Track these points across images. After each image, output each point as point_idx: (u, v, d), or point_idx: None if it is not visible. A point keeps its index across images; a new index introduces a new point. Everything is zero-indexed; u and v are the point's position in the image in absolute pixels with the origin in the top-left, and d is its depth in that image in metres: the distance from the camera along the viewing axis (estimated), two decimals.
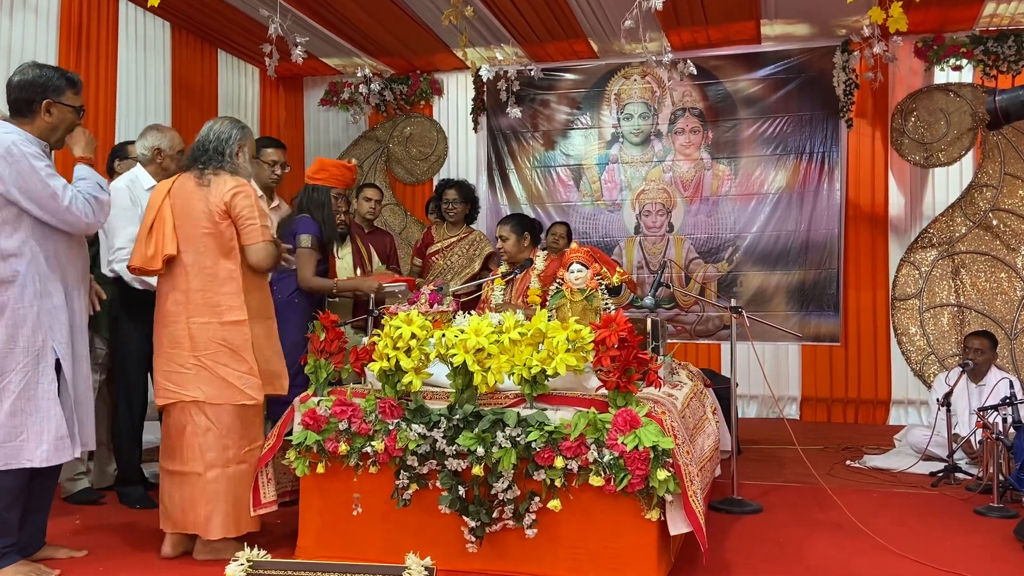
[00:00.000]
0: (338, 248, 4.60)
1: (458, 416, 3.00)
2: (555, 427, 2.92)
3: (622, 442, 2.83)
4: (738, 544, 3.45)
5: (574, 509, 2.95)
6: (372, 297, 4.21)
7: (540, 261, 4.59)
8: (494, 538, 3.02)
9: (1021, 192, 6.46)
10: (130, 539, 3.50)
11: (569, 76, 7.46)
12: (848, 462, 5.05)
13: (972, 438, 4.64)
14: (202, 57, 6.84)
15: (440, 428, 3.01)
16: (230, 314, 3.16)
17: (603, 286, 3.60)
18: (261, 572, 2.36)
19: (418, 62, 7.50)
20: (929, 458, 4.75)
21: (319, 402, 3.22)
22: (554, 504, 2.91)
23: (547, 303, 3.68)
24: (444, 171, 7.69)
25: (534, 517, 2.96)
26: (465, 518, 2.99)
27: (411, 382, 3.04)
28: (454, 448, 2.98)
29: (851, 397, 6.83)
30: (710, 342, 7.12)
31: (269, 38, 5.31)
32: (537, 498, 2.95)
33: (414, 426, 3.04)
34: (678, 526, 2.85)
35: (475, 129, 7.68)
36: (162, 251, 3.19)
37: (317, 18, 6.28)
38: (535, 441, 2.90)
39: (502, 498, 2.96)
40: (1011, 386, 4.44)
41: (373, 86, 7.60)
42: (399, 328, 3.05)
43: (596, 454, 2.87)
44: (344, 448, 3.13)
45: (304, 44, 5.48)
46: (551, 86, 7.48)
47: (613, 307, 3.49)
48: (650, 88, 7.29)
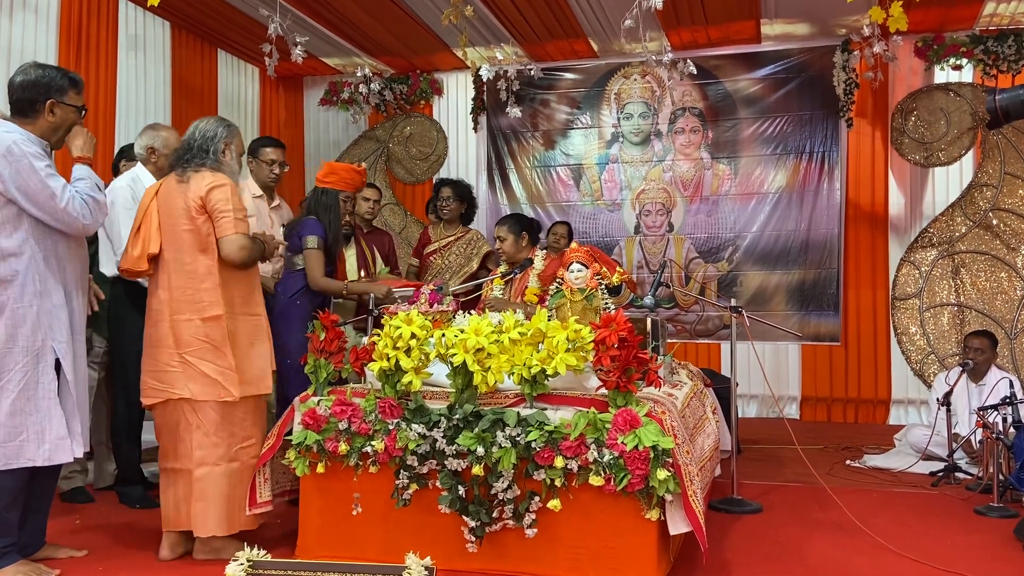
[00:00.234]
0: (343, 249, 4.62)
1: (458, 416, 3.00)
2: (555, 427, 2.92)
3: (622, 442, 2.83)
4: (738, 544, 3.45)
5: (574, 509, 2.95)
6: (372, 297, 4.22)
7: (539, 260, 4.59)
8: (494, 538, 3.02)
9: (1021, 192, 6.46)
10: (130, 539, 3.50)
11: (569, 76, 7.46)
12: (848, 462, 5.05)
13: (972, 438, 4.64)
14: (202, 57, 6.84)
15: (440, 428, 3.01)
16: (210, 309, 3.15)
17: (603, 286, 3.60)
18: (261, 572, 2.36)
19: (418, 62, 7.50)
20: (929, 458, 4.75)
21: (319, 402, 3.22)
22: (554, 504, 2.91)
23: (547, 303, 3.68)
24: (444, 171, 7.69)
25: (534, 517, 2.96)
26: (465, 518, 2.99)
27: (411, 382, 3.04)
28: (454, 448, 2.98)
29: (851, 397, 6.83)
30: (710, 342, 7.12)
31: (269, 38, 5.31)
32: (537, 498, 2.95)
33: (414, 426, 3.04)
34: (678, 526, 2.85)
35: (475, 129, 7.68)
36: (146, 251, 3.20)
37: (317, 18, 6.28)
38: (535, 441, 2.90)
39: (502, 498, 2.96)
40: (1011, 386, 4.44)
41: (373, 86, 7.61)
42: (399, 328, 3.05)
43: (596, 454, 2.87)
44: (344, 448, 3.13)
45: (304, 44, 5.48)
46: (551, 86, 7.48)
47: (613, 307, 3.49)
48: (650, 88, 7.29)
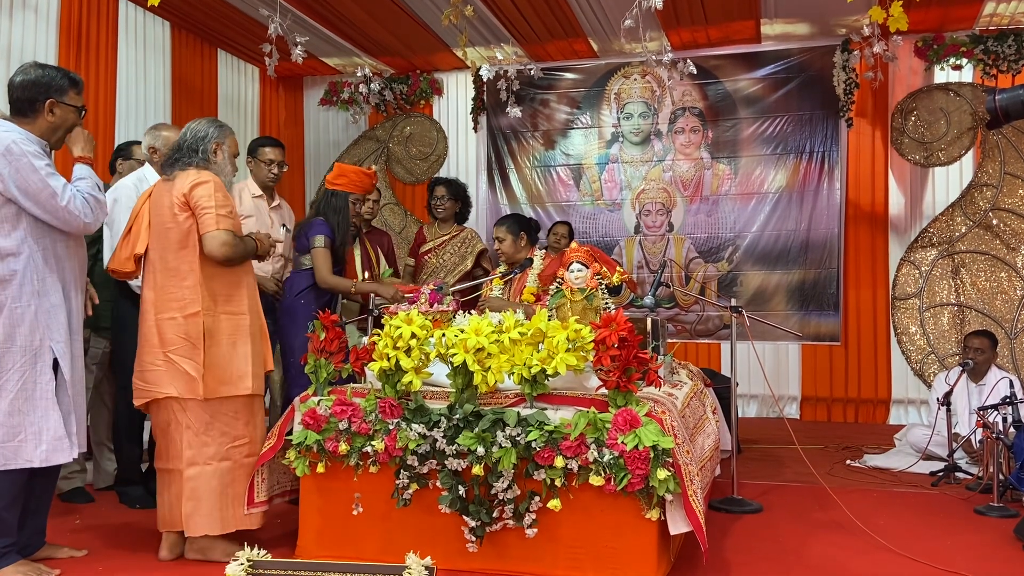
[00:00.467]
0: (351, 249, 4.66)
1: (458, 416, 3.00)
2: (555, 427, 2.92)
3: (622, 441, 2.83)
4: (738, 543, 3.45)
5: (574, 509, 2.95)
6: (372, 297, 4.24)
7: (538, 260, 4.59)
8: (494, 538, 3.02)
9: (1021, 191, 6.46)
10: (130, 539, 3.49)
11: (569, 75, 7.46)
12: (848, 461, 5.05)
13: (972, 437, 4.64)
14: (202, 57, 6.84)
15: (440, 428, 3.01)
16: (190, 307, 3.13)
17: (603, 286, 3.60)
18: (261, 572, 2.36)
19: (418, 62, 7.50)
20: (929, 457, 4.75)
21: (319, 402, 3.22)
22: (554, 504, 2.91)
23: (546, 303, 3.68)
24: (444, 171, 7.69)
25: (534, 517, 2.96)
26: (465, 518, 2.99)
27: (411, 382, 3.04)
28: (454, 448, 2.98)
29: (851, 396, 6.84)
30: (710, 341, 7.12)
31: (269, 38, 5.32)
32: (537, 498, 2.95)
33: (414, 426, 3.04)
34: (678, 525, 2.85)
35: (475, 129, 7.68)
36: (132, 251, 3.20)
37: (317, 17, 6.28)
38: (535, 441, 2.90)
39: (502, 498, 2.95)
40: (1011, 385, 4.44)
41: (373, 86, 7.61)
42: (399, 328, 3.05)
43: (596, 454, 2.87)
44: (344, 448, 3.13)
45: (304, 44, 5.48)
46: (551, 86, 7.48)
47: (613, 307, 3.49)
48: (650, 87, 7.29)
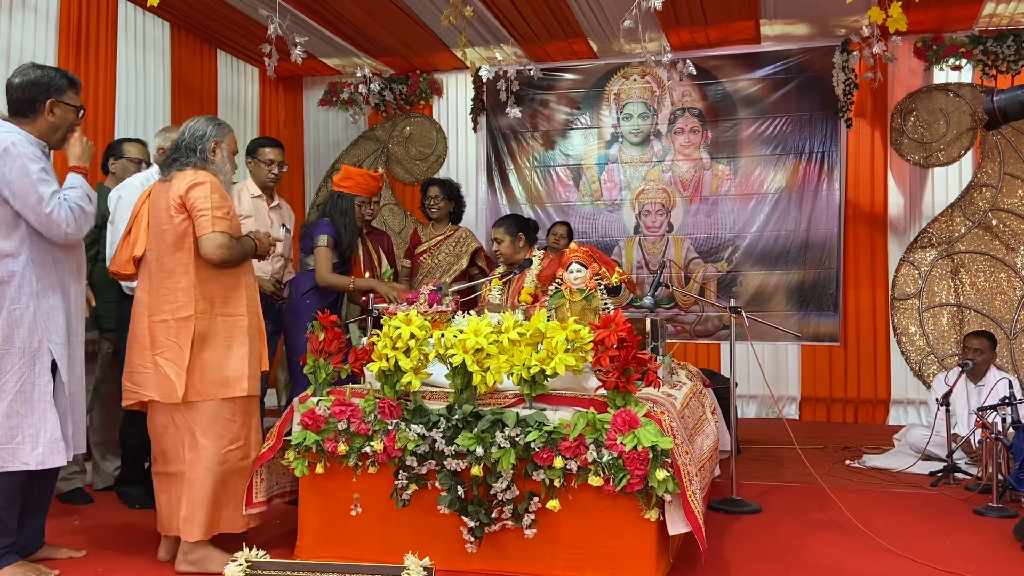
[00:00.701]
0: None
1: (457, 416, 3.00)
2: (554, 427, 2.92)
3: (621, 442, 2.83)
4: (737, 544, 3.45)
5: (573, 509, 2.95)
6: (372, 297, 4.25)
7: (537, 261, 4.59)
8: (493, 538, 3.02)
9: (1020, 192, 6.46)
10: (129, 540, 3.49)
11: (568, 76, 7.46)
12: (847, 462, 5.05)
13: (971, 438, 4.64)
14: (202, 57, 6.84)
15: (439, 428, 3.01)
16: (183, 310, 3.08)
17: (602, 286, 3.60)
18: (260, 572, 2.36)
19: (418, 62, 7.50)
20: (928, 458, 4.75)
21: (318, 402, 3.22)
22: (553, 504, 2.91)
23: (545, 303, 3.68)
24: (444, 171, 7.69)
25: (533, 517, 2.96)
26: (464, 518, 2.99)
27: (410, 382, 3.04)
28: (453, 448, 2.98)
29: (850, 397, 6.84)
30: (709, 342, 7.12)
31: (268, 38, 5.31)
32: (536, 498, 2.95)
33: (413, 426, 3.04)
34: (677, 526, 2.85)
35: (475, 129, 7.68)
36: (131, 253, 3.18)
37: (316, 18, 6.28)
38: (534, 441, 2.90)
39: (501, 498, 2.96)
40: (1010, 386, 4.44)
41: (373, 86, 7.61)
42: (398, 328, 3.06)
43: (595, 454, 2.87)
44: (343, 448, 3.13)
45: (303, 44, 5.48)
46: (551, 86, 7.48)
47: (612, 307, 3.49)
48: (649, 88, 7.29)
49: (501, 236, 4.70)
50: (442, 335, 3.05)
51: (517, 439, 2.91)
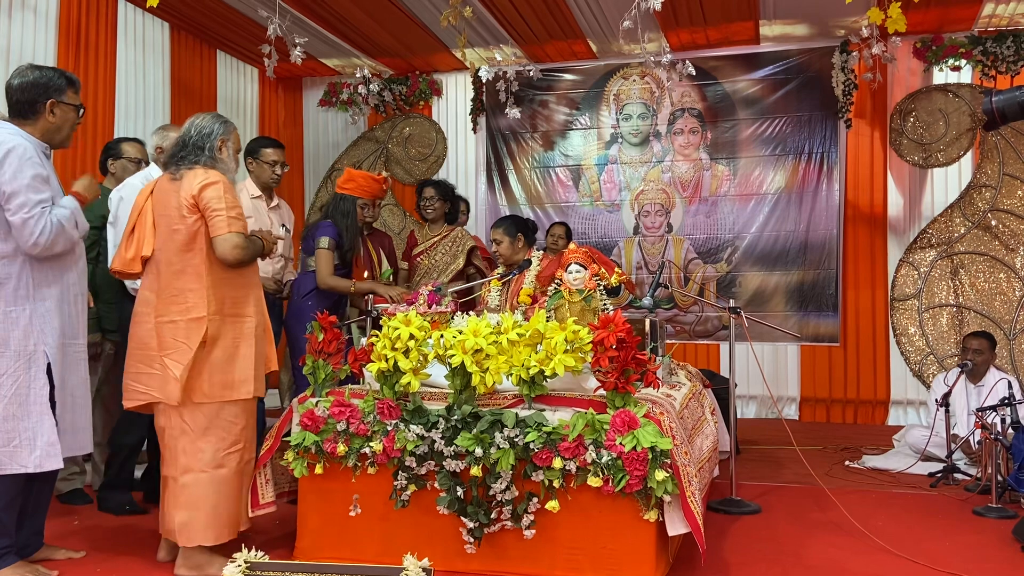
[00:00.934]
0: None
1: (456, 417, 3.00)
2: (553, 428, 2.92)
3: (620, 443, 2.83)
4: (736, 545, 3.45)
5: (572, 510, 2.95)
6: (371, 298, 4.25)
7: (536, 261, 4.59)
8: (492, 539, 3.02)
9: (1020, 192, 6.46)
10: (128, 540, 3.49)
11: (568, 77, 7.46)
12: (847, 462, 5.05)
13: (971, 438, 4.64)
14: (201, 58, 6.84)
15: (438, 429, 3.01)
16: (195, 311, 3.04)
17: (601, 287, 3.60)
18: (259, 573, 2.36)
19: (417, 63, 7.50)
20: (928, 458, 4.75)
21: (317, 403, 3.22)
22: (552, 505, 2.91)
23: (544, 304, 3.68)
24: (443, 171, 7.69)
25: (532, 518, 2.96)
26: (463, 519, 2.99)
27: (409, 383, 3.04)
28: (452, 449, 2.98)
29: (850, 397, 6.84)
30: (709, 342, 7.12)
31: (268, 39, 5.31)
32: (535, 499, 2.95)
33: (412, 427, 3.04)
34: (676, 527, 2.85)
35: (474, 130, 7.68)
36: (139, 252, 3.12)
37: (316, 19, 6.28)
38: (533, 442, 2.90)
39: (500, 499, 2.96)
40: (1009, 387, 4.44)
41: (372, 87, 7.61)
42: (397, 329, 3.06)
43: (594, 455, 2.87)
44: (342, 449, 3.13)
45: (303, 45, 5.48)
46: (550, 87, 7.48)
47: (611, 308, 3.49)
48: (649, 89, 7.29)
49: (500, 237, 4.70)
50: (441, 336, 3.05)
51: (516, 440, 2.91)
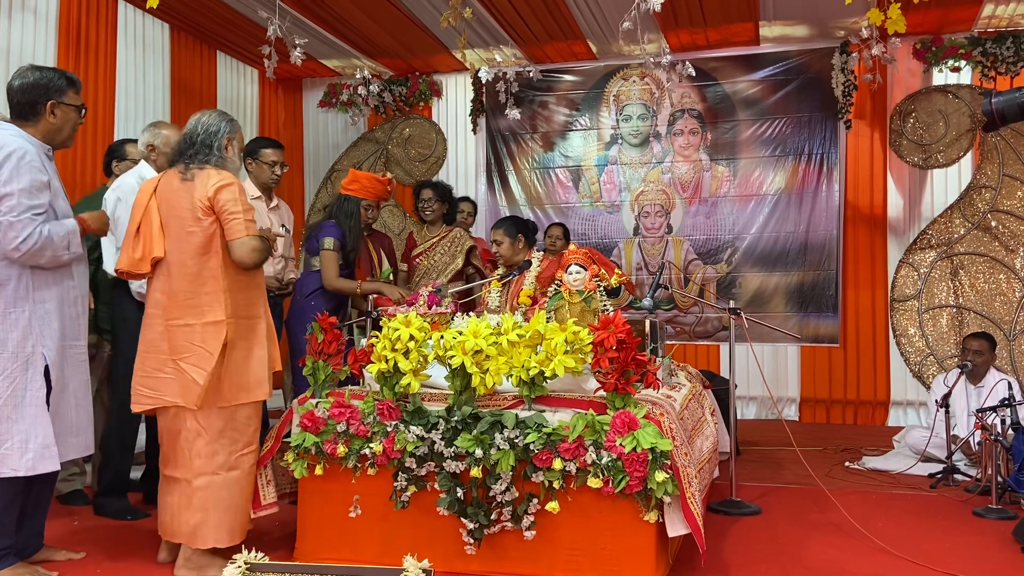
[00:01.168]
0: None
1: (456, 418, 3.00)
2: (553, 429, 2.92)
3: (620, 444, 2.83)
4: (736, 546, 3.45)
5: (572, 511, 2.95)
6: (371, 299, 4.26)
7: (536, 262, 4.59)
8: (492, 540, 3.02)
9: (1020, 193, 6.46)
10: (128, 541, 3.49)
11: (568, 77, 7.46)
12: (847, 463, 5.05)
13: (971, 439, 4.64)
14: (201, 59, 6.85)
15: (438, 430, 3.01)
16: (210, 314, 3.01)
17: (601, 288, 3.60)
18: (259, 574, 2.36)
19: (417, 64, 7.50)
20: (928, 459, 4.75)
21: (317, 404, 3.21)
22: (552, 506, 2.91)
23: (544, 305, 3.68)
24: (443, 172, 7.70)
25: (532, 519, 2.96)
26: (463, 520, 2.99)
27: (409, 384, 3.04)
28: (452, 450, 2.98)
29: (850, 398, 6.84)
30: (709, 343, 7.12)
31: (268, 40, 5.31)
32: (535, 500, 2.95)
33: (412, 428, 3.04)
34: (676, 528, 2.85)
35: (474, 131, 7.68)
36: (150, 254, 3.07)
37: (316, 20, 6.28)
38: (533, 443, 2.90)
39: (500, 500, 2.96)
40: (1009, 387, 4.44)
41: (372, 88, 7.61)
42: (397, 330, 3.06)
43: (594, 456, 2.87)
44: (342, 450, 3.13)
45: (303, 46, 5.47)
46: (550, 87, 7.48)
47: (611, 309, 3.49)
48: (649, 89, 7.29)
49: (500, 238, 4.70)
50: (441, 337, 3.05)
51: (516, 441, 2.91)
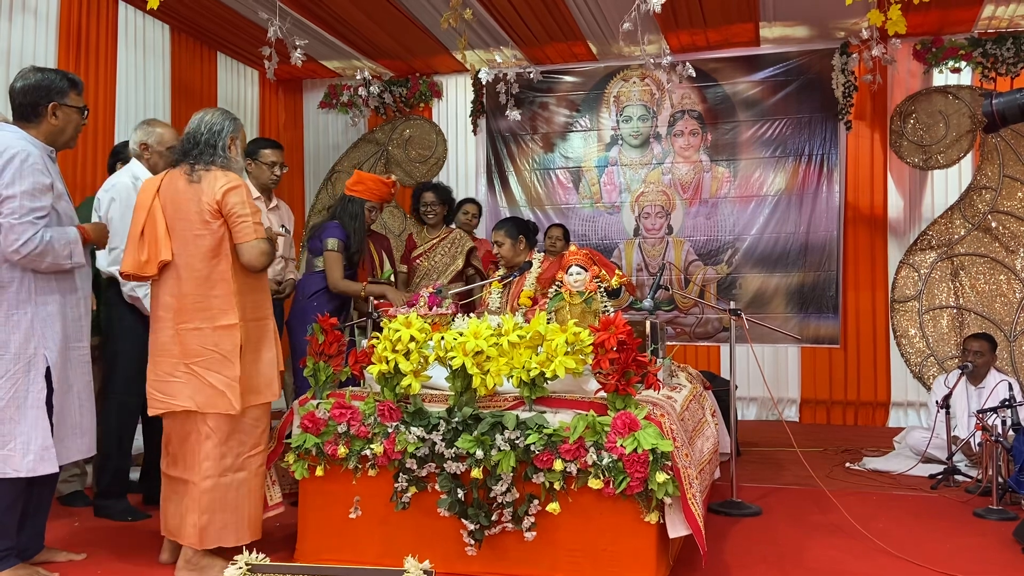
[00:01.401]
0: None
1: (457, 419, 3.00)
2: (554, 430, 2.92)
3: (621, 445, 2.83)
4: (737, 547, 3.45)
5: (573, 512, 2.95)
6: (372, 300, 4.26)
7: (537, 263, 4.59)
8: (493, 541, 3.02)
9: (1020, 194, 6.46)
10: (129, 542, 3.49)
11: (568, 78, 7.47)
12: (847, 464, 5.04)
13: (971, 440, 4.64)
14: (201, 60, 6.85)
15: (439, 431, 3.01)
16: (222, 318, 3.00)
17: (602, 288, 3.60)
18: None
19: (417, 64, 7.50)
20: (928, 460, 4.75)
21: (318, 405, 3.22)
22: (553, 507, 2.91)
23: (545, 306, 3.68)
24: (443, 173, 7.70)
25: (533, 520, 2.96)
26: (464, 521, 2.99)
27: (410, 385, 3.04)
28: (453, 451, 2.98)
29: (850, 399, 6.83)
30: (709, 344, 7.12)
31: (268, 41, 5.32)
32: (536, 501, 2.95)
33: (413, 429, 3.04)
34: (677, 529, 2.85)
35: (474, 131, 7.68)
36: (157, 256, 3.03)
37: (316, 21, 6.28)
38: (534, 444, 2.90)
39: (501, 501, 2.96)
40: (1010, 388, 4.44)
41: (372, 88, 7.61)
42: (398, 331, 3.06)
43: (595, 457, 2.87)
44: (343, 451, 3.13)
45: (303, 47, 5.48)
46: (550, 88, 7.48)
47: (612, 309, 3.50)
48: (649, 90, 7.30)
49: (501, 239, 4.70)
50: (442, 338, 3.05)
51: (517, 442, 2.91)
